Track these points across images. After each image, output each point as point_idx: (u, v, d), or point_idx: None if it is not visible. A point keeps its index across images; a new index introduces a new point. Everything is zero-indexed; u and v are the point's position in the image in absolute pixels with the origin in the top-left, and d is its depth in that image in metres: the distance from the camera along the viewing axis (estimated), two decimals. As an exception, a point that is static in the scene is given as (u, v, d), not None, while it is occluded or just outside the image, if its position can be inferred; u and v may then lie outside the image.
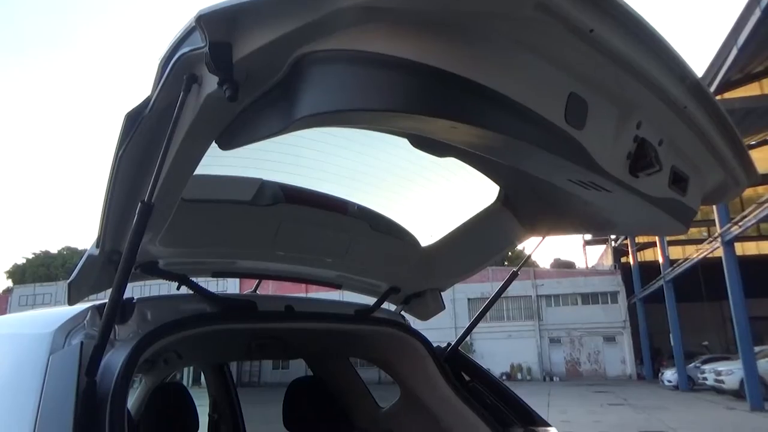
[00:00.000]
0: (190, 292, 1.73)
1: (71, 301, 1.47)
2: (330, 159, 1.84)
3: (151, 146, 1.23)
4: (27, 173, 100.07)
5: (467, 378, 2.20)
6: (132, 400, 3.68)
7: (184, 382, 4.72)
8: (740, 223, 16.39)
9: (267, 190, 1.75)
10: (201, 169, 1.34)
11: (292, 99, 1.04)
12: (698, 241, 26.49)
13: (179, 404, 2.61)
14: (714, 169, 1.44)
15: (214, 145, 1.23)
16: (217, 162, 1.47)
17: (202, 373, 4.05)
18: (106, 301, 1.25)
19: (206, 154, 1.27)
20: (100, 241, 1.43)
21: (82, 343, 1.26)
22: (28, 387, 1.20)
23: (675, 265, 25.20)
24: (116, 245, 1.44)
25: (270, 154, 1.67)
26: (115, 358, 1.27)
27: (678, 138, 1.29)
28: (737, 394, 18.46)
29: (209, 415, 3.71)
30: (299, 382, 2.61)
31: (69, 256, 52.57)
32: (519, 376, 35.51)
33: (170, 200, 1.37)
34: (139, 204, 1.17)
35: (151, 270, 1.64)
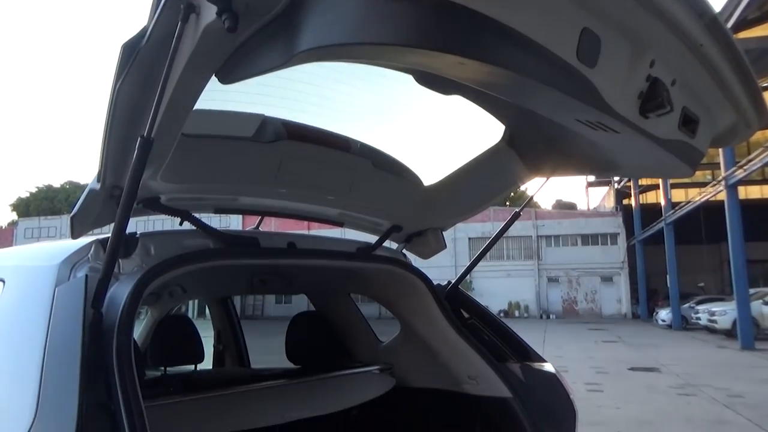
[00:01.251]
0: (193, 228, 1.74)
1: (75, 235, 1.48)
2: (333, 95, 1.80)
3: (150, 79, 1.20)
4: (28, 106, 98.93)
5: (466, 315, 2.25)
6: (138, 331, 3.79)
7: (189, 315, 4.84)
8: (745, 167, 16.27)
9: (269, 126, 1.72)
10: (202, 104, 1.31)
11: (293, 31, 1.00)
12: (702, 184, 26.44)
13: (185, 335, 2.68)
14: (726, 111, 1.41)
15: (214, 79, 1.19)
16: (219, 97, 1.44)
17: (206, 307, 4.15)
18: (110, 235, 1.26)
19: (207, 89, 1.24)
20: (101, 176, 1.42)
21: (87, 276, 1.27)
22: (36, 319, 1.22)
23: (677, 208, 25.24)
24: (117, 180, 1.44)
25: (272, 89, 1.63)
26: (120, 291, 1.29)
27: (691, 78, 1.25)
28: (729, 333, 18.94)
29: (214, 346, 3.82)
30: (301, 316, 2.67)
31: (72, 190, 52.71)
32: (516, 313, 36.35)
33: (170, 135, 1.35)
34: (139, 139, 1.15)
35: (153, 205, 1.64)
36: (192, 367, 2.69)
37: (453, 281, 2.32)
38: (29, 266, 1.53)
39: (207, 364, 3.26)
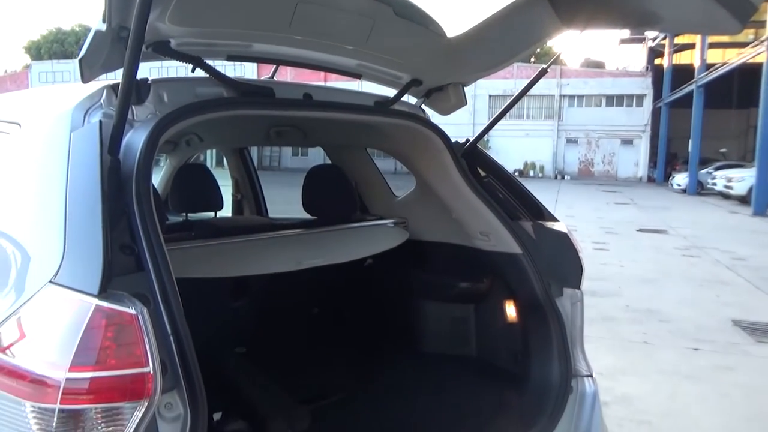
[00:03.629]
0: (206, 75, 1.68)
1: (84, 79, 1.44)
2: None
3: None
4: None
5: (482, 173, 2.23)
6: (158, 179, 3.87)
7: (208, 164, 4.90)
8: (793, 26, 15.14)
9: None
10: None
11: None
12: (741, 45, 24.86)
13: (203, 183, 2.73)
14: None
15: None
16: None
17: (224, 157, 4.19)
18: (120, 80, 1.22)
19: None
20: (106, 16, 1.34)
21: (101, 121, 1.25)
22: (55, 164, 1.23)
23: (711, 70, 24.03)
24: (123, 21, 1.36)
25: None
26: (135, 138, 1.28)
27: None
28: (743, 200, 19.01)
29: (232, 195, 3.92)
30: (318, 169, 2.68)
31: (82, 32, 51.09)
32: (531, 173, 36.52)
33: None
34: None
35: (163, 50, 1.57)
36: (212, 214, 2.78)
37: (471, 139, 2.28)
38: (43, 111, 1.51)
39: (226, 212, 3.37)
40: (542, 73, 2.01)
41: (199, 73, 1.71)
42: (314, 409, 1.97)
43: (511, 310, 2.23)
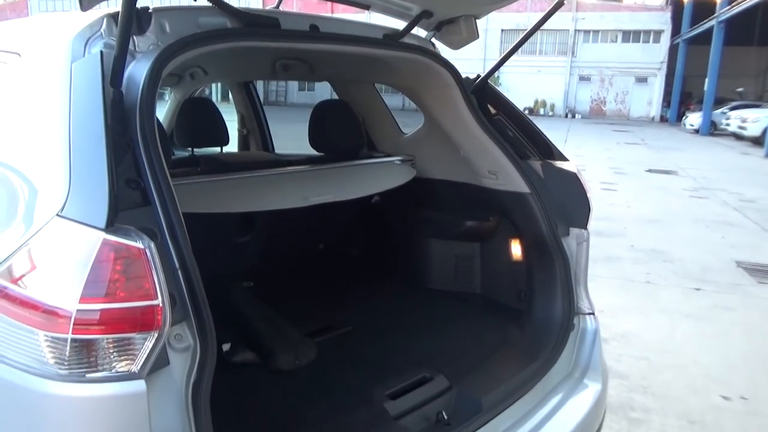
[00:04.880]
0: (209, 5, 1.62)
1: (83, 7, 1.38)
2: None
3: None
4: None
5: (493, 111, 2.19)
6: (163, 113, 3.83)
7: (213, 99, 4.84)
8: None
9: None
10: None
11: None
12: (768, -23, 23.72)
13: (209, 117, 2.69)
14: None
15: None
16: None
17: (229, 91, 4.12)
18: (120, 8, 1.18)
19: None
20: (104, -61, 1.28)
21: (101, 52, 1.22)
22: (57, 96, 1.21)
23: (734, 3, 23.05)
24: None
25: None
26: (137, 70, 1.25)
27: None
28: (756, 141, 18.70)
29: (238, 131, 3.89)
30: (325, 104, 2.64)
31: (81, -42, 49.31)
32: (541, 111, 35.87)
33: None
34: None
35: (164, -24, 1.51)
36: (218, 149, 2.77)
37: (482, 75, 2.22)
38: (43, 40, 1.47)
39: (232, 148, 3.35)
40: (558, 6, 1.92)
41: (202, 1, 1.65)
42: (320, 342, 2.02)
43: (516, 249, 2.24)
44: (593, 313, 2.06)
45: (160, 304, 1.00)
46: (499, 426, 1.63)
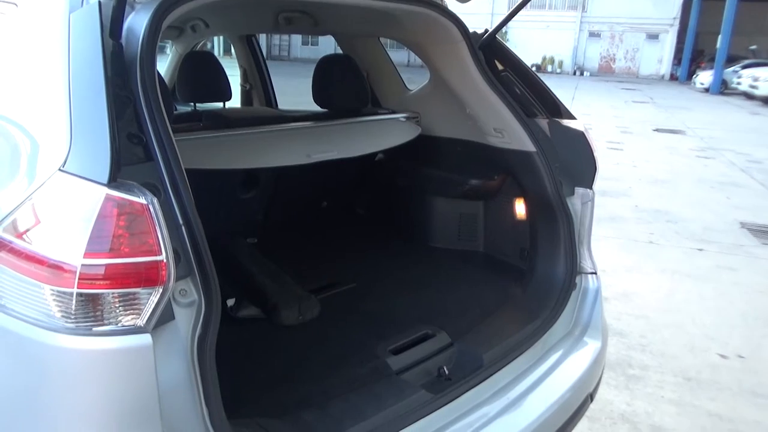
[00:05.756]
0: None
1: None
2: None
3: None
4: None
5: (500, 67, 2.14)
6: (165, 68, 3.77)
7: (215, 53, 4.75)
8: None
9: None
10: None
11: None
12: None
13: (211, 71, 2.65)
14: None
15: None
16: None
17: (231, 45, 4.05)
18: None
19: None
20: None
21: (100, 2, 1.19)
22: (55, 48, 1.18)
23: (751, -44, 22.28)
24: None
25: None
26: (137, 21, 1.22)
27: None
28: (767, 101, 18.38)
29: (241, 85, 3.84)
30: (329, 59, 2.59)
31: None
32: (549, 68, 35.23)
33: None
34: None
35: None
36: (220, 104, 2.73)
37: (490, 30, 2.16)
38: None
39: (235, 103, 3.31)
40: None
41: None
42: (323, 299, 2.04)
43: (520, 208, 2.24)
44: (595, 273, 2.06)
45: (164, 260, 1.01)
46: (499, 381, 1.66)
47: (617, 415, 2.71)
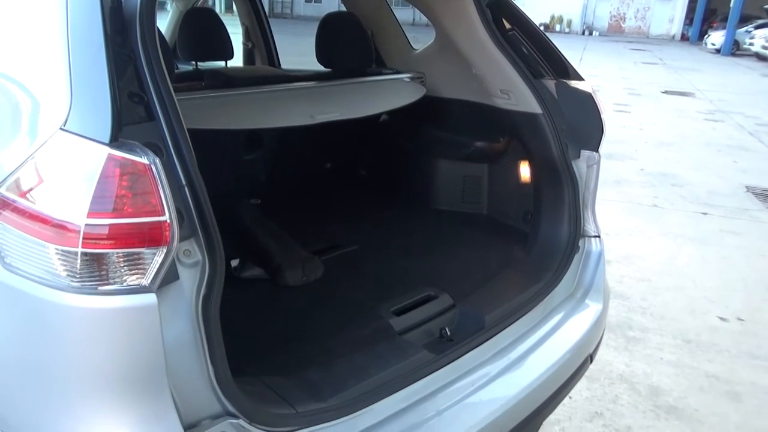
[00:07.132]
0: None
1: None
2: None
3: None
4: None
5: (508, 26, 2.09)
6: (165, 25, 3.70)
7: (216, 10, 4.66)
8: None
9: None
10: None
11: None
12: None
13: (212, 29, 2.60)
14: None
15: None
16: None
17: (233, 2, 3.96)
18: None
19: None
20: None
21: (96, -43, 1.15)
22: (51, 4, 1.15)
23: None
24: None
25: None
26: (136, -24, 1.19)
27: None
28: (779, 62, 18.03)
29: (243, 44, 3.77)
30: (332, 17, 2.53)
31: None
32: (557, 28, 34.43)
33: None
34: None
35: None
36: (222, 63, 2.69)
37: (498, -14, 2.10)
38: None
39: (237, 62, 3.26)
40: None
41: None
42: (326, 260, 2.05)
43: (525, 171, 2.22)
44: (599, 236, 2.06)
45: (168, 220, 1.00)
46: (501, 342, 1.68)
47: (616, 376, 2.75)
